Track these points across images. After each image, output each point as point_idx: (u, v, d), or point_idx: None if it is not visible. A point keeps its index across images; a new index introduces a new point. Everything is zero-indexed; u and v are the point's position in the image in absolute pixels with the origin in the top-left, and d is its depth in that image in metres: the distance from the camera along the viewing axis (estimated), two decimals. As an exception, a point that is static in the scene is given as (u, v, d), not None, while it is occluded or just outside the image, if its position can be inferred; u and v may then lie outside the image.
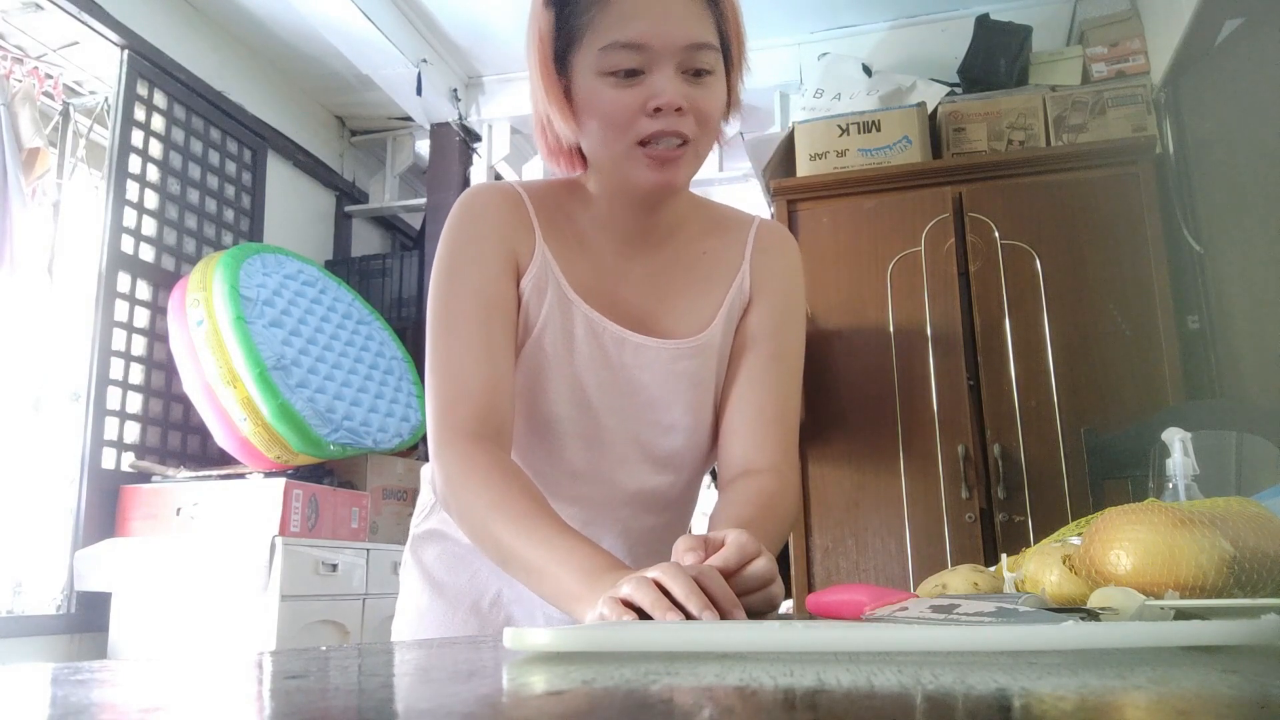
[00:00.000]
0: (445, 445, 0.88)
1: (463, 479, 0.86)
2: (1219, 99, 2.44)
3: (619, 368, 0.97)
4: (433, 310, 0.94)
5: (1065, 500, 2.25)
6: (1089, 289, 2.39)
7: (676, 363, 0.98)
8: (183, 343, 2.73)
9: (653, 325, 0.98)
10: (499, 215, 0.96)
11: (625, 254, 0.99)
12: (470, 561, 1.03)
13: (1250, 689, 0.30)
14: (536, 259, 0.95)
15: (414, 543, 1.09)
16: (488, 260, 0.94)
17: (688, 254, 1.02)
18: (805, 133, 2.71)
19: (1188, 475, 0.80)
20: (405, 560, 1.10)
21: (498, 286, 0.94)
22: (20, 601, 2.75)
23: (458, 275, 0.94)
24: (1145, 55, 2.73)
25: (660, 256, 1.01)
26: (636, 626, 0.51)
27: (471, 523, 0.85)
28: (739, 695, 0.30)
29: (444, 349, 0.92)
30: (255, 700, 0.32)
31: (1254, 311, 2.28)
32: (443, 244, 0.97)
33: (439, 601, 1.03)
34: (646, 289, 1.00)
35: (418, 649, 0.54)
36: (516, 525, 0.81)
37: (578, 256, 0.98)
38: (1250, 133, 2.30)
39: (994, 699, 0.29)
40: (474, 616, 1.02)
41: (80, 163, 3.18)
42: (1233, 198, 2.37)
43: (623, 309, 0.97)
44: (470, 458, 0.86)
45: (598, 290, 0.97)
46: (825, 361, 2.48)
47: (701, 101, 0.87)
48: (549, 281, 0.95)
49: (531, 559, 0.79)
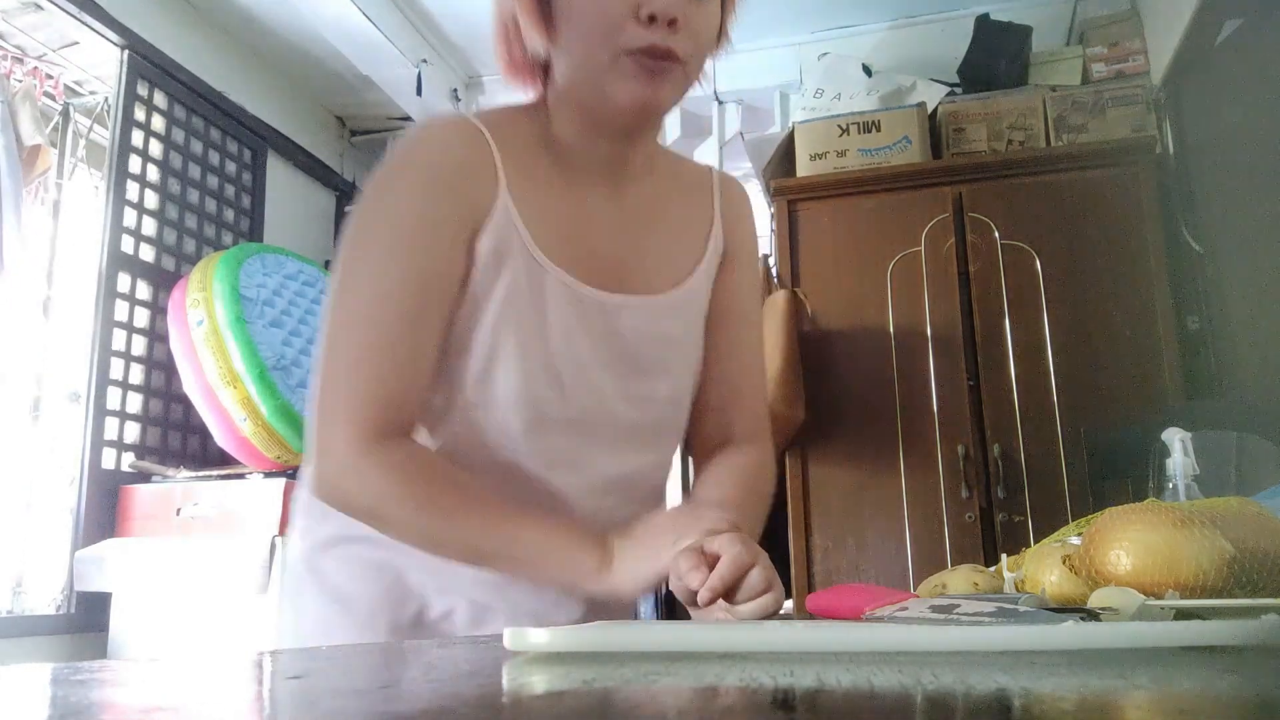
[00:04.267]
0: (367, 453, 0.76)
1: (404, 487, 0.77)
2: (1219, 99, 2.44)
3: (600, 336, 0.85)
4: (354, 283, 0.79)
5: (1065, 500, 2.25)
6: (1089, 289, 2.39)
7: (659, 322, 0.89)
8: (183, 343, 2.73)
9: (627, 278, 0.87)
10: (458, 165, 0.81)
11: (595, 194, 0.88)
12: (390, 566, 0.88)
13: (1250, 689, 0.30)
14: (498, 214, 0.81)
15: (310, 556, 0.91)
16: (439, 228, 0.79)
17: (657, 199, 0.93)
18: (805, 133, 2.71)
19: (1188, 475, 0.80)
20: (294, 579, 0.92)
21: (445, 264, 0.80)
22: (20, 601, 2.75)
23: (397, 244, 0.79)
24: (1145, 55, 2.73)
25: (630, 199, 0.90)
26: (636, 627, 0.51)
27: (428, 531, 0.78)
28: (739, 695, 0.30)
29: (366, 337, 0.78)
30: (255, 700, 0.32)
31: (1254, 311, 2.28)
32: (381, 195, 0.82)
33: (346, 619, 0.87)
34: (618, 236, 0.89)
35: (417, 649, 0.54)
36: (487, 524, 0.77)
37: (544, 201, 0.85)
38: (1250, 133, 2.30)
39: (994, 699, 0.29)
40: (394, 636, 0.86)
41: (80, 163, 3.18)
42: (1233, 198, 2.37)
43: (594, 262, 0.86)
44: (404, 464, 0.78)
45: (567, 241, 0.84)
46: (825, 361, 2.48)
47: (697, 20, 0.79)
48: (513, 243, 0.82)
49: (524, 548, 0.75)
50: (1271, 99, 2.17)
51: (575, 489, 0.86)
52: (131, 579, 2.55)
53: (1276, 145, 2.16)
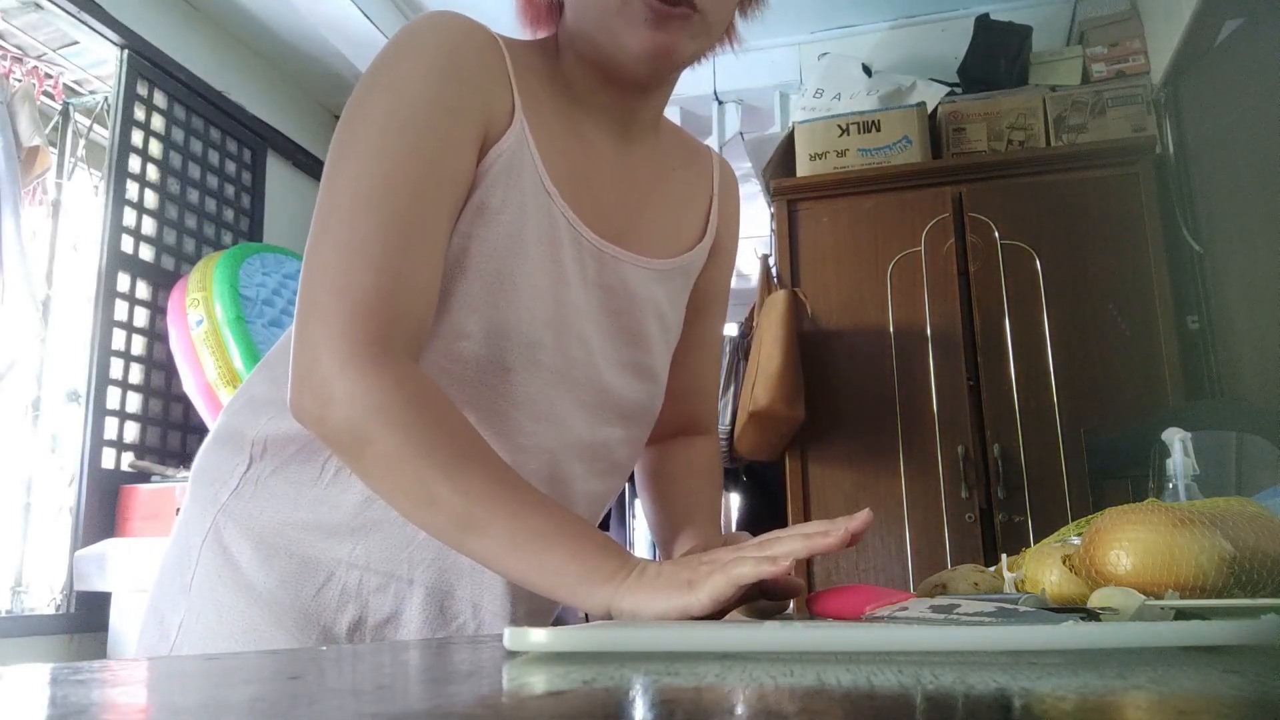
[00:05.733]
0: (356, 361, 0.63)
1: (401, 412, 0.63)
2: (1219, 99, 2.44)
3: (596, 287, 0.79)
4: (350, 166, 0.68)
5: (1065, 500, 2.25)
6: (1089, 289, 2.39)
7: (654, 288, 0.83)
8: (182, 343, 2.73)
9: (626, 235, 0.81)
10: (477, 57, 0.73)
11: (601, 143, 0.81)
12: (319, 564, 0.74)
13: (1250, 689, 0.30)
14: (514, 130, 0.73)
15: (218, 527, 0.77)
16: (453, 114, 0.70)
17: (661, 164, 0.87)
18: (805, 133, 2.71)
19: (1188, 475, 0.80)
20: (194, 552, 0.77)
21: (455, 154, 0.70)
22: (20, 601, 2.75)
23: (404, 124, 0.68)
24: (1145, 55, 2.73)
25: (635, 157, 0.84)
26: (636, 627, 0.51)
27: (412, 476, 0.63)
28: (739, 695, 0.30)
29: (354, 227, 0.66)
30: (255, 700, 0.32)
31: (1254, 311, 2.28)
32: (386, 74, 0.71)
33: (275, 629, 0.74)
34: (623, 190, 0.82)
35: (417, 649, 0.54)
36: (491, 488, 0.62)
37: (556, 136, 0.77)
38: (1250, 133, 2.30)
39: (994, 699, 0.29)
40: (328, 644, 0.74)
41: (80, 163, 3.18)
42: (1233, 198, 2.37)
43: (598, 210, 0.79)
44: (402, 382, 0.64)
45: (573, 184, 0.77)
46: (825, 361, 2.48)
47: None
48: (525, 164, 0.74)
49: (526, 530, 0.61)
50: (1271, 99, 2.18)
51: (550, 447, 0.77)
52: (131, 579, 2.55)
53: (1276, 145, 2.16)
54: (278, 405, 0.76)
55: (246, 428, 0.79)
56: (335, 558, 0.75)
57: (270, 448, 0.78)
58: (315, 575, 0.75)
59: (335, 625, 0.75)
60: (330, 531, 0.75)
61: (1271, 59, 2.19)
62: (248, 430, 0.79)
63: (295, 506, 0.76)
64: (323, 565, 0.75)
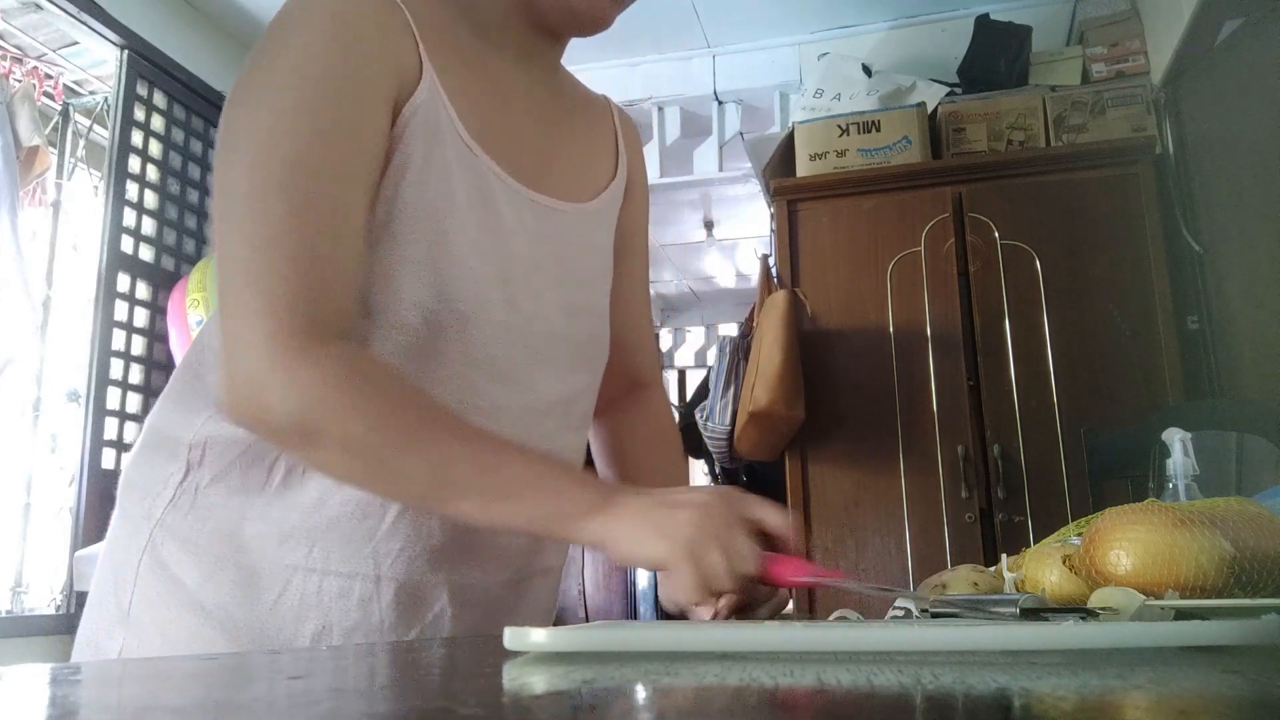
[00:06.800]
0: (292, 353, 0.61)
1: (349, 397, 0.61)
2: (1219, 99, 2.44)
3: (536, 237, 0.77)
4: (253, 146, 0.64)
5: (1065, 500, 2.25)
6: (1089, 289, 2.39)
7: (587, 230, 0.83)
8: (182, 343, 2.73)
9: (546, 180, 0.79)
10: (375, 20, 0.69)
11: (514, 87, 0.79)
12: (274, 571, 0.70)
13: (1250, 689, 0.30)
14: (424, 86, 0.70)
15: (155, 543, 0.72)
16: (359, 82, 0.66)
17: (568, 107, 0.86)
18: (805, 133, 2.71)
19: (1188, 475, 0.80)
20: (130, 571, 0.73)
21: (368, 120, 0.67)
22: (20, 601, 2.75)
23: (308, 102, 0.65)
24: (1145, 55, 2.73)
25: (545, 100, 0.83)
26: (636, 627, 0.51)
27: (376, 455, 0.62)
28: (739, 695, 0.30)
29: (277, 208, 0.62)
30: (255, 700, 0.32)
31: (1254, 311, 2.28)
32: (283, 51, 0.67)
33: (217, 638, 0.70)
34: (540, 134, 0.81)
35: (416, 649, 0.54)
36: (463, 444, 0.62)
37: (467, 84, 0.74)
38: (1250, 133, 2.30)
39: (994, 699, 0.29)
40: None
41: (80, 163, 3.18)
42: (1233, 198, 2.37)
43: (519, 158, 0.77)
44: (345, 366, 0.62)
45: (492, 133, 0.75)
46: (825, 361, 2.48)
47: None
48: (441, 119, 0.71)
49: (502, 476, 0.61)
50: (1271, 99, 2.18)
51: (518, 407, 0.75)
52: (131, 579, 2.55)
53: (1276, 145, 2.16)
54: (210, 404, 0.72)
55: (180, 432, 0.74)
56: (290, 564, 0.71)
57: (209, 452, 0.73)
58: (270, 586, 0.70)
59: (296, 637, 0.70)
60: (284, 537, 0.71)
61: (1271, 59, 2.19)
62: (182, 434, 0.74)
63: (242, 514, 0.71)
64: (277, 574, 0.70)
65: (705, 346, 6.10)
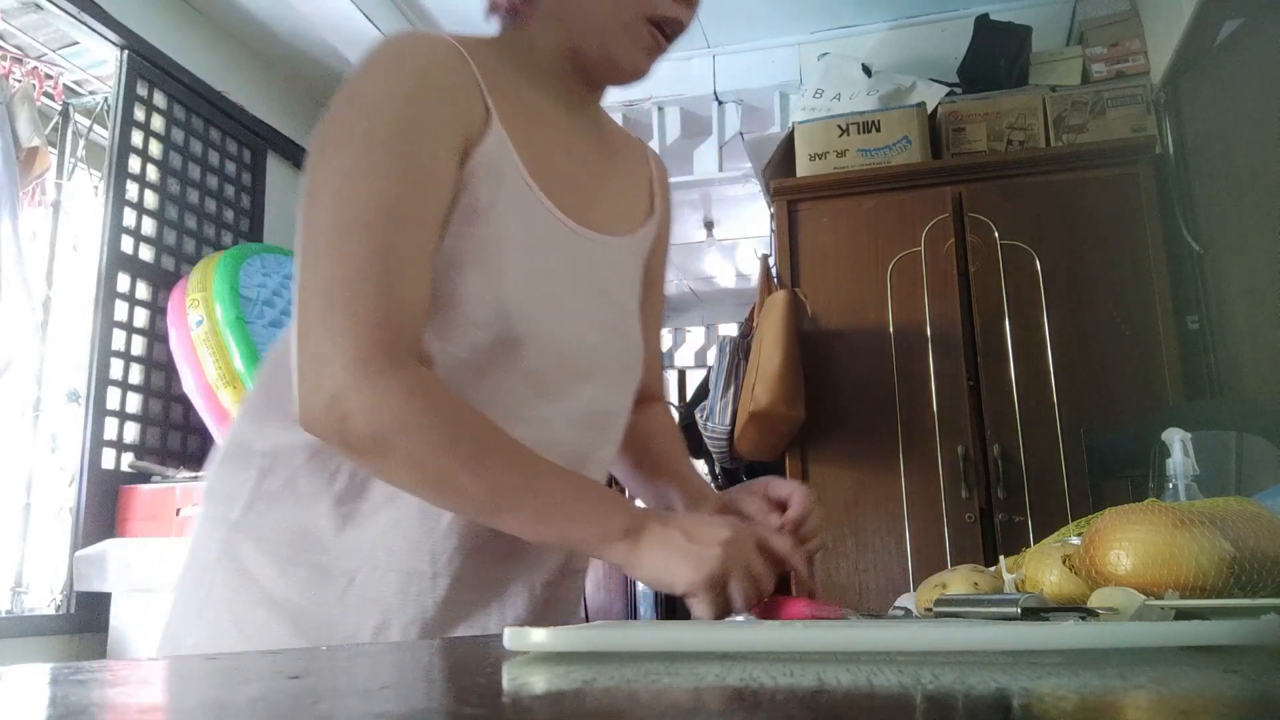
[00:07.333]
0: (369, 375, 0.68)
1: (417, 416, 0.69)
2: (1219, 99, 2.44)
3: (582, 265, 0.86)
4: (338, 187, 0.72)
5: (1065, 500, 2.25)
6: (1089, 289, 2.39)
7: (621, 262, 0.91)
8: (182, 343, 2.73)
9: (594, 216, 0.88)
10: (447, 74, 0.78)
11: (564, 132, 0.88)
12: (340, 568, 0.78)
13: (1250, 689, 0.30)
14: (492, 134, 0.79)
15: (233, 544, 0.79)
16: (432, 131, 0.75)
17: (609, 147, 0.96)
18: (805, 133, 2.71)
19: (1188, 475, 0.80)
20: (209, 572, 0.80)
21: (436, 164, 0.75)
22: (20, 601, 2.75)
23: (388, 144, 0.73)
24: (1145, 55, 2.73)
25: (590, 142, 0.92)
26: (636, 626, 0.51)
27: (438, 470, 0.69)
28: (739, 695, 0.30)
29: (363, 244, 0.70)
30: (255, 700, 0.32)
31: (1254, 311, 2.28)
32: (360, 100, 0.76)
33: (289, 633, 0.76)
34: (587, 173, 0.90)
35: (417, 649, 0.54)
36: (515, 466, 0.70)
37: (527, 128, 0.83)
38: (1250, 133, 2.30)
39: (994, 699, 0.29)
40: None
41: (80, 163, 3.18)
42: (1232, 198, 2.37)
43: (570, 195, 0.86)
44: (414, 388, 0.70)
45: (548, 174, 0.84)
46: (825, 361, 2.48)
47: (695, 6, 0.86)
48: (506, 163, 0.79)
49: (546, 503, 0.69)
50: (1271, 99, 2.18)
51: (560, 419, 0.83)
52: (131, 579, 2.55)
53: (1276, 145, 2.16)
54: (281, 416, 0.79)
55: (254, 441, 0.82)
56: (355, 561, 0.78)
57: (279, 459, 0.80)
58: (336, 582, 0.77)
59: (360, 630, 0.77)
60: (349, 537, 0.78)
61: (1271, 59, 2.19)
62: (255, 444, 0.82)
63: (311, 516, 0.78)
64: (343, 571, 0.77)
65: (705, 346, 6.10)
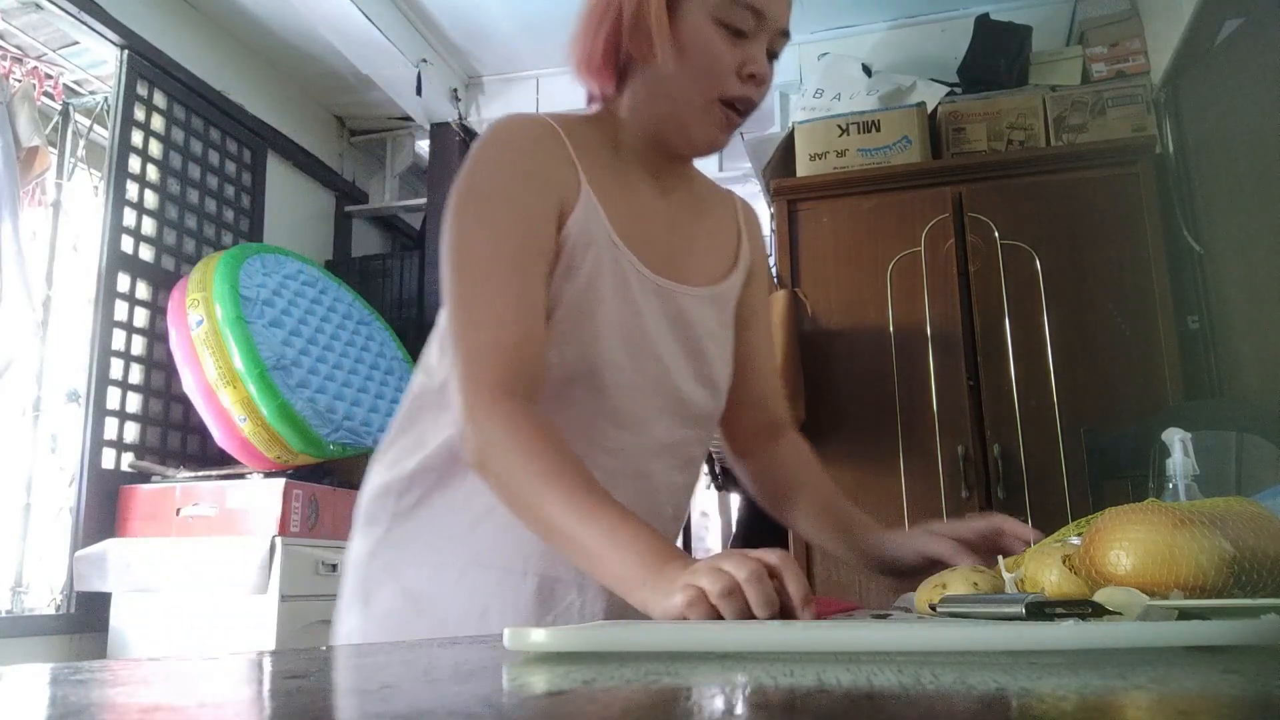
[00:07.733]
0: (481, 404, 0.82)
1: (506, 443, 0.81)
2: (1219, 99, 2.44)
3: (665, 316, 0.96)
4: (462, 251, 0.88)
5: (1065, 500, 2.25)
6: (1089, 289, 2.39)
7: (705, 311, 1.01)
8: (182, 343, 2.73)
9: (678, 271, 0.99)
10: (542, 151, 0.92)
11: (650, 195, 1.00)
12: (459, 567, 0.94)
13: (1251, 689, 0.30)
14: (583, 202, 0.92)
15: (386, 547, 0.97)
16: (532, 199, 0.89)
17: (695, 207, 1.06)
18: (805, 133, 2.71)
19: (1188, 475, 0.80)
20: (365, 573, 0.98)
21: (541, 229, 0.89)
22: (20, 601, 2.75)
23: (496, 214, 0.88)
24: (1145, 55, 2.73)
25: (675, 203, 1.03)
26: (637, 627, 0.51)
27: (516, 492, 0.81)
28: (739, 695, 0.30)
29: (477, 295, 0.86)
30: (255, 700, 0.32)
31: (1254, 311, 2.28)
32: (475, 177, 0.90)
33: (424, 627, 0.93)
34: (670, 232, 1.01)
35: (417, 649, 0.54)
36: (570, 501, 0.78)
37: (615, 194, 0.95)
38: (1250, 133, 2.30)
39: (994, 699, 0.29)
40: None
41: (80, 163, 3.18)
42: (1232, 198, 2.37)
43: (654, 251, 0.97)
44: (511, 419, 0.81)
45: (635, 235, 0.95)
46: (825, 361, 2.48)
47: (770, 82, 0.92)
48: (597, 228, 0.92)
49: (589, 541, 0.76)
50: (1271, 99, 2.18)
51: (637, 449, 0.95)
52: (131, 579, 2.55)
53: (1276, 145, 2.16)
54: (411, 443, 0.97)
55: (402, 463, 0.98)
56: (466, 558, 0.94)
57: (414, 481, 0.96)
58: (450, 574, 0.94)
59: (468, 615, 0.92)
60: (463, 538, 0.94)
61: (1271, 59, 2.19)
62: (393, 471, 0.98)
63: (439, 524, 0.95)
64: (457, 564, 0.94)
65: (705, 346, 6.09)
